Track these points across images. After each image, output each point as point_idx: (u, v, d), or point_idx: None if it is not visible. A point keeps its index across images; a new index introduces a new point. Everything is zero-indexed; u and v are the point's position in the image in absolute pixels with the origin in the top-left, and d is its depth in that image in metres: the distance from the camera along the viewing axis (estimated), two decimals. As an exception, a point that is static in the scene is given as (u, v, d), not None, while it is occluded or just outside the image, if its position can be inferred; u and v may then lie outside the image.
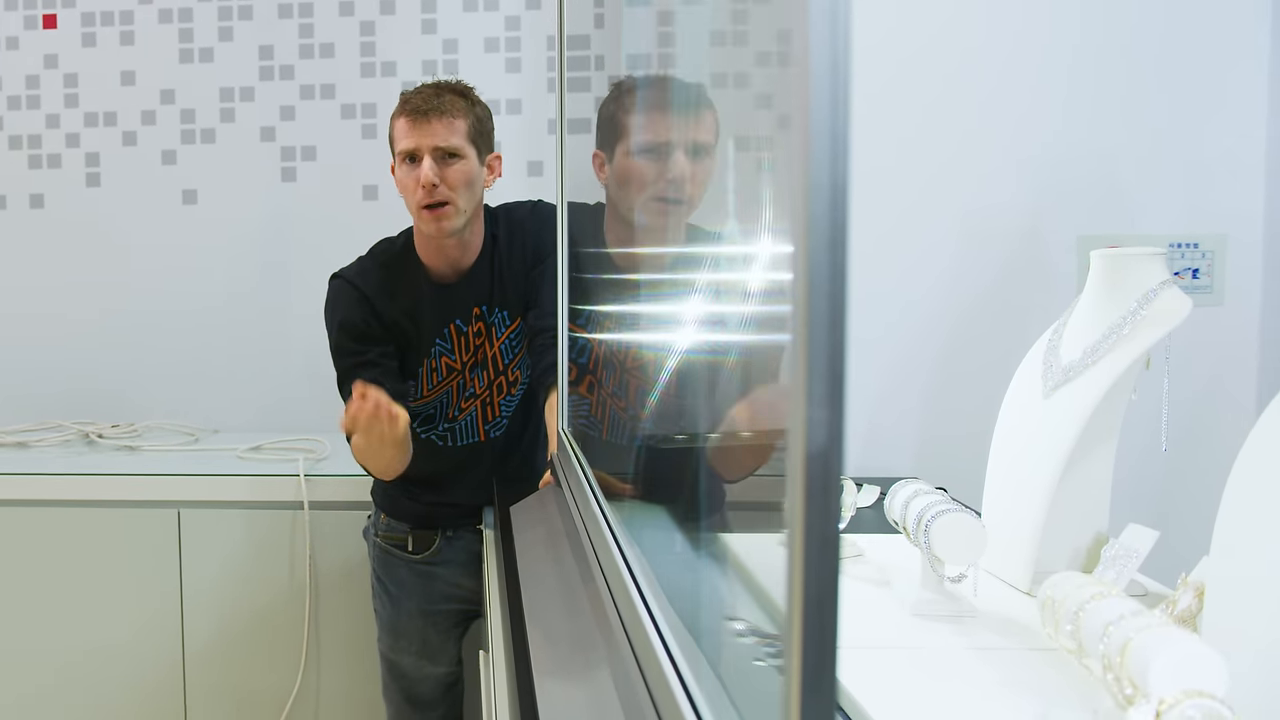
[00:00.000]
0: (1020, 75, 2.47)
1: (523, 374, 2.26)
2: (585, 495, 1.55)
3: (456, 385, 2.23)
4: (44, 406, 3.12)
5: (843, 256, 0.52)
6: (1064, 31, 2.45)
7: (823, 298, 0.52)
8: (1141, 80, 2.44)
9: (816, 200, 0.51)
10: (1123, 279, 1.42)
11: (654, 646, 0.99)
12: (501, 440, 2.30)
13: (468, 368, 2.23)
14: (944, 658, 1.24)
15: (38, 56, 3.11)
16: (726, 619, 1.15)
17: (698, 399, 1.62)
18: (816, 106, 0.51)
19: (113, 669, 2.64)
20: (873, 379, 2.56)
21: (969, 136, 2.48)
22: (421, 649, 2.37)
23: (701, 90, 1.95)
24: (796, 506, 0.54)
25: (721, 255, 1.75)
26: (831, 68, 0.51)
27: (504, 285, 2.21)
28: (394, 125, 2.13)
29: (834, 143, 0.51)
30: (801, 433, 0.53)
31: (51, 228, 3.14)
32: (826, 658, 0.55)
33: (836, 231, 0.52)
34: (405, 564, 2.34)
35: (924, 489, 1.44)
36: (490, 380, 2.24)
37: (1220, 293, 2.43)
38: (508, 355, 2.24)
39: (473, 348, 2.22)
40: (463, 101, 2.12)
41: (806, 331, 0.52)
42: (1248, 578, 1.01)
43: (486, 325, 2.21)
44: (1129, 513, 1.41)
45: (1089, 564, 1.41)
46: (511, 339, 2.23)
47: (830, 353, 0.52)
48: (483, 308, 2.20)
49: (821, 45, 0.51)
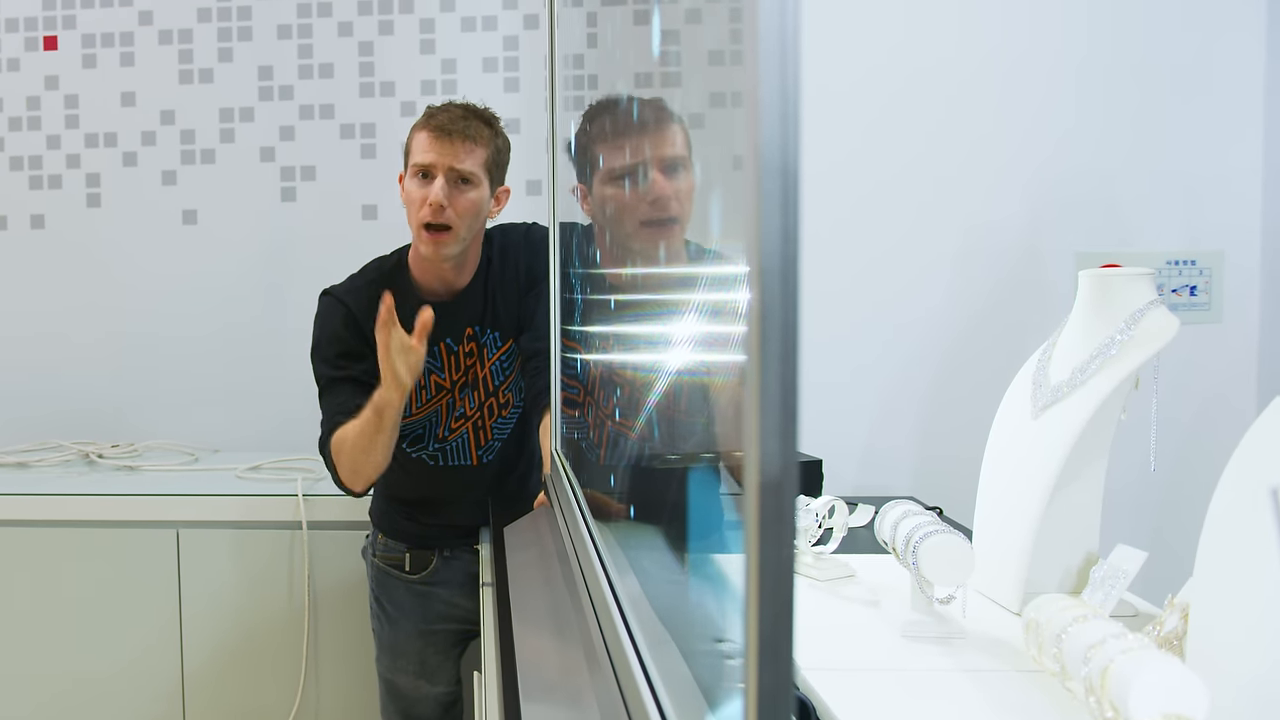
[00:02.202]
0: (1017, 95, 2.48)
1: (514, 396, 2.26)
2: (575, 517, 1.55)
3: (446, 404, 2.23)
4: (44, 427, 3.13)
5: (794, 292, 0.52)
6: (1064, 52, 2.46)
7: (775, 330, 0.52)
8: (1139, 99, 2.44)
9: (768, 238, 0.52)
10: (1111, 299, 1.42)
11: (634, 672, 0.99)
12: (495, 464, 2.29)
13: (457, 387, 2.23)
14: (931, 679, 1.24)
15: (38, 78, 3.13)
16: (714, 640, 1.15)
17: (709, 416, 1.61)
18: (767, 143, 0.51)
19: (112, 689, 2.64)
20: (871, 399, 2.56)
21: (968, 156, 2.49)
22: (420, 669, 2.36)
23: (663, 104, 1.92)
24: (751, 536, 0.54)
25: (724, 272, 1.74)
26: (781, 103, 0.52)
27: (497, 307, 2.21)
28: (414, 137, 2.12)
29: (784, 181, 0.51)
30: (755, 464, 0.53)
31: (52, 248, 3.15)
32: (782, 685, 0.55)
33: (788, 266, 0.52)
34: (403, 584, 2.34)
35: (914, 510, 1.44)
36: (481, 402, 2.24)
37: (1219, 310, 2.43)
38: (499, 377, 2.24)
39: (463, 368, 2.22)
40: (487, 130, 2.12)
41: (759, 365, 0.52)
42: (1230, 599, 1.01)
43: (479, 346, 2.21)
44: (1124, 532, 1.41)
45: (1079, 584, 1.41)
46: (503, 360, 2.23)
47: (783, 387, 0.52)
48: (475, 328, 2.21)
49: (771, 86, 0.51)
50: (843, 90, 2.48)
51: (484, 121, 2.12)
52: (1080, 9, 2.45)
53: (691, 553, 1.16)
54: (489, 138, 2.11)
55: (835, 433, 2.47)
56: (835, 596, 1.54)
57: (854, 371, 2.53)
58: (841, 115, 2.48)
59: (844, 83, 2.47)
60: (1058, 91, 2.46)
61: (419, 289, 2.21)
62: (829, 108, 2.46)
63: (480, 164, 2.09)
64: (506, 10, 3.01)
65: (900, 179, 2.50)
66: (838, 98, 2.48)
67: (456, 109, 2.11)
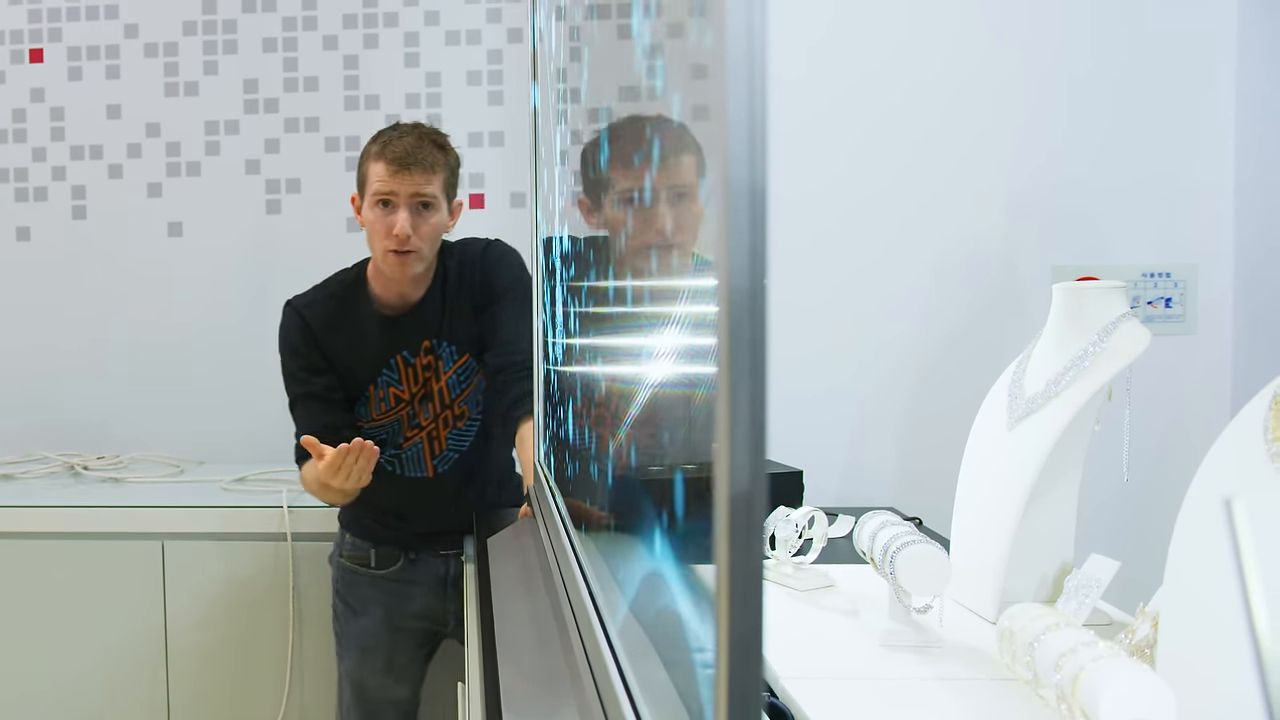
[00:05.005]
0: (995, 112, 2.50)
1: (471, 409, 2.30)
2: (558, 528, 1.56)
3: (406, 415, 2.27)
4: (29, 438, 3.13)
5: (762, 305, 0.54)
6: (1040, 69, 2.49)
7: (743, 345, 0.54)
8: (1113, 113, 2.47)
9: (736, 252, 0.53)
10: (1084, 312, 1.45)
11: (614, 683, 1.01)
12: (452, 475, 2.32)
13: (416, 399, 2.26)
14: (909, 688, 1.25)
15: (24, 90, 3.14)
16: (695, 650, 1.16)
17: (689, 427, 1.62)
18: (736, 159, 0.53)
19: (96, 700, 2.64)
20: (851, 411, 2.58)
21: (946, 173, 2.51)
22: (387, 666, 2.38)
23: (684, 129, 1.93)
24: (721, 549, 0.56)
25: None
26: (749, 122, 0.53)
27: (453, 320, 2.25)
28: (370, 167, 2.16)
29: (752, 202, 0.53)
30: (725, 476, 0.55)
31: (38, 260, 3.16)
32: (751, 689, 0.57)
33: (756, 281, 0.54)
34: (369, 580, 2.37)
35: (891, 520, 1.46)
36: (436, 414, 2.28)
37: (1193, 321, 2.46)
38: (455, 389, 2.27)
39: (421, 380, 2.26)
40: (441, 155, 2.17)
41: (729, 379, 0.54)
42: (1198, 607, 1.03)
43: (436, 358, 2.25)
44: (1098, 542, 1.43)
45: (1054, 593, 1.43)
46: (460, 373, 2.26)
47: (752, 400, 0.54)
48: (432, 340, 2.24)
49: (739, 105, 0.53)
50: (822, 109, 2.51)
51: (437, 146, 2.17)
52: (1055, 27, 2.48)
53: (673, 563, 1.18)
54: (444, 162, 2.17)
55: (816, 444, 2.49)
56: (814, 606, 1.56)
57: (835, 384, 2.55)
58: (822, 134, 2.51)
59: (824, 101, 2.50)
60: (1036, 107, 2.49)
61: (377, 302, 2.26)
62: (807, 128, 2.49)
63: (439, 188, 2.15)
64: (490, 24, 3.03)
65: (882, 195, 2.52)
66: (817, 117, 2.50)
67: (409, 137, 2.15)
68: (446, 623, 2.39)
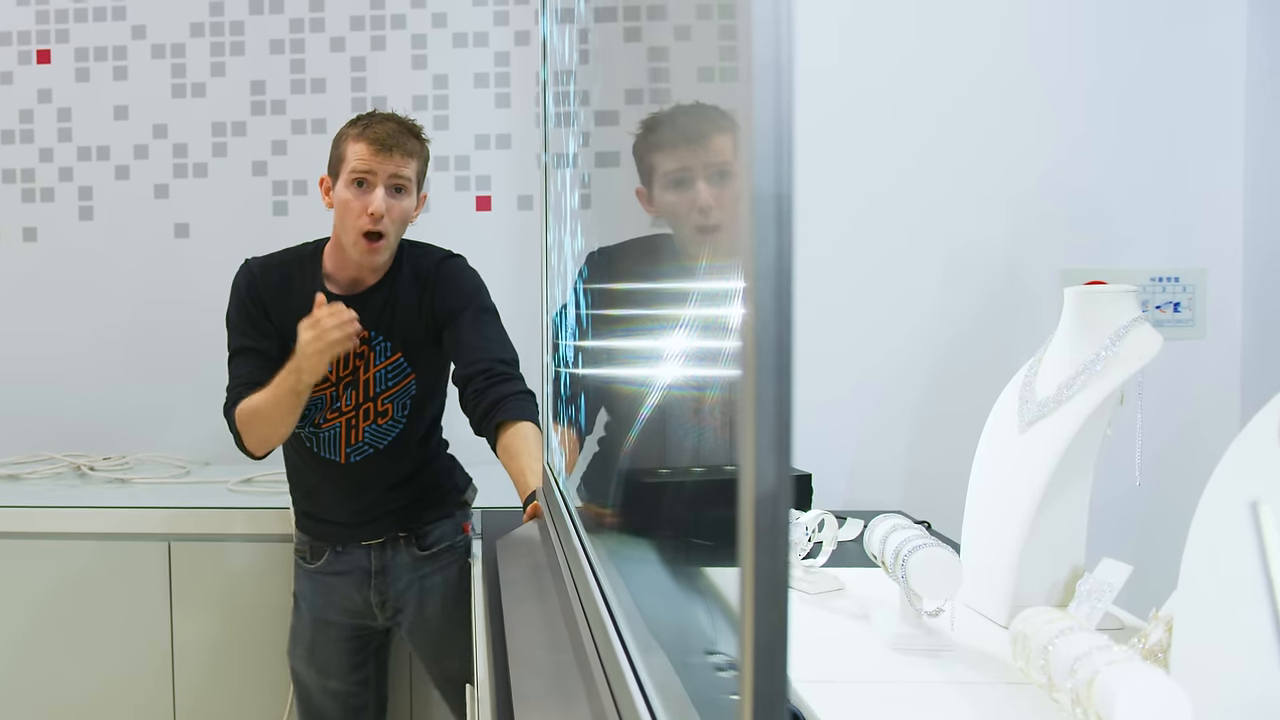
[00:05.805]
0: (1005, 116, 2.51)
1: (395, 410, 2.29)
2: (568, 529, 1.56)
3: (330, 395, 2.28)
4: (35, 439, 3.13)
5: (788, 306, 0.54)
6: (1049, 74, 2.49)
7: (770, 345, 0.54)
8: (1122, 118, 2.47)
9: (763, 255, 0.53)
10: (1095, 316, 1.44)
11: (629, 685, 1.00)
12: (364, 468, 2.31)
13: (342, 383, 2.27)
14: (920, 692, 1.25)
15: (31, 91, 3.14)
16: (706, 653, 1.16)
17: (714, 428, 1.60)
18: (760, 168, 0.53)
19: (103, 702, 2.64)
20: (861, 415, 2.58)
21: (955, 177, 2.51)
22: (309, 656, 2.41)
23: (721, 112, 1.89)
24: (746, 549, 0.55)
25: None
26: (775, 126, 0.53)
27: (394, 316, 2.26)
28: (348, 147, 2.18)
29: (779, 205, 0.53)
30: (750, 477, 0.55)
31: (44, 261, 3.16)
32: (778, 695, 0.57)
33: (783, 282, 0.54)
34: (305, 574, 2.41)
35: (902, 524, 1.45)
36: (358, 403, 2.28)
37: (1202, 326, 2.45)
38: (380, 385, 2.27)
39: (351, 365, 2.26)
40: (417, 143, 2.21)
41: (754, 380, 0.54)
42: (1213, 612, 1.03)
43: (369, 348, 2.25)
44: (1110, 546, 1.42)
45: (1065, 598, 1.43)
46: (389, 370, 2.27)
47: (778, 402, 0.54)
48: (370, 331, 2.24)
49: (766, 105, 0.53)
50: (831, 115, 2.51)
51: (414, 135, 2.22)
52: (1064, 33, 2.48)
53: (688, 565, 1.17)
54: (419, 150, 2.22)
55: (825, 447, 2.49)
56: (825, 609, 1.56)
57: (844, 388, 2.55)
58: (831, 140, 2.51)
59: (833, 107, 2.50)
60: (1045, 113, 2.49)
61: (328, 280, 2.28)
62: (815, 133, 2.48)
63: (414, 174, 2.20)
64: (498, 27, 3.03)
65: (891, 199, 2.53)
66: (826, 123, 2.50)
67: (390, 122, 2.20)
68: (373, 615, 2.39)
